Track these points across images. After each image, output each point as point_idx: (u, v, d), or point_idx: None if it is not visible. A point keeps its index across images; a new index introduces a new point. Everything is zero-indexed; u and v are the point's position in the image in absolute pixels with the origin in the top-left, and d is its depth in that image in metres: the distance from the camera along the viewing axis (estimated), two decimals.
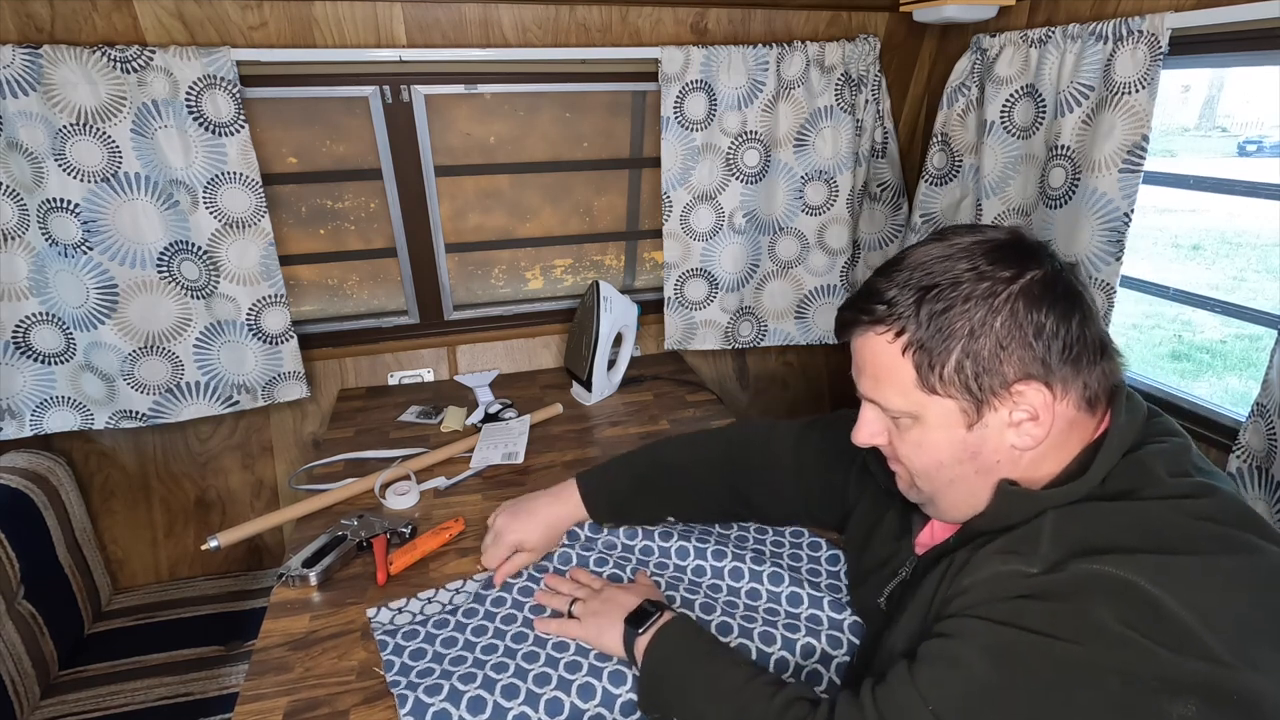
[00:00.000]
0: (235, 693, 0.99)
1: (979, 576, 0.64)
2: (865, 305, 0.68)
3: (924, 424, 0.68)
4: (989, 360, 0.63)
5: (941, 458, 0.68)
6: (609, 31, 1.54)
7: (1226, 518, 0.60)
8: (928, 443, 0.68)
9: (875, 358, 0.68)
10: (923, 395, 0.66)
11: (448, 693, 0.82)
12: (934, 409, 0.66)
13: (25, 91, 1.25)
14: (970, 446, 0.67)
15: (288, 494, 1.74)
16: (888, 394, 0.68)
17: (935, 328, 0.64)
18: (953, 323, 0.63)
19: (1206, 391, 4.75)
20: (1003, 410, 0.65)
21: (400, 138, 1.59)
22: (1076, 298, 0.64)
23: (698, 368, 2.00)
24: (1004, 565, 0.63)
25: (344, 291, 1.84)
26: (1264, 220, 6.99)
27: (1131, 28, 1.22)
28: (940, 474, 0.69)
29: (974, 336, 0.63)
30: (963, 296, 0.63)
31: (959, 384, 0.64)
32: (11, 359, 1.42)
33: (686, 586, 0.98)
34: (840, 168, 1.72)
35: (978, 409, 0.65)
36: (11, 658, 1.23)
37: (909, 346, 0.65)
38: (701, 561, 1.00)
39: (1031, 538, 0.63)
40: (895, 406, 0.68)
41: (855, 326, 0.69)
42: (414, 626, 0.94)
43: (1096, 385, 0.66)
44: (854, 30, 1.66)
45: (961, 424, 0.66)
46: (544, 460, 1.38)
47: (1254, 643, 0.53)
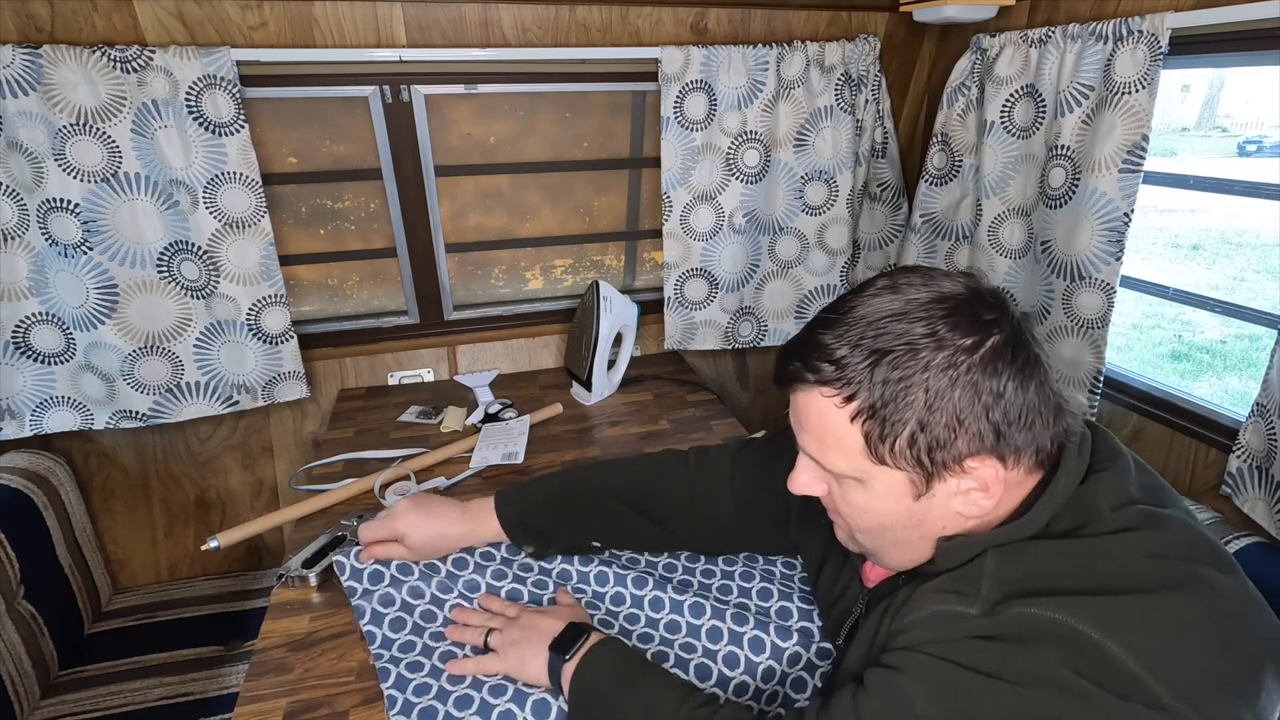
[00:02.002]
0: (235, 693, 0.99)
1: (919, 615, 0.63)
2: (812, 363, 0.63)
3: (868, 488, 0.65)
4: (943, 435, 0.60)
5: (885, 522, 0.67)
6: (609, 31, 1.54)
7: (1172, 550, 0.58)
8: (872, 508, 0.66)
9: (822, 420, 0.64)
10: (869, 464, 0.63)
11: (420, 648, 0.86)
12: (881, 478, 0.64)
13: (25, 91, 1.25)
14: (916, 515, 0.65)
15: (288, 494, 1.74)
16: (831, 457, 0.65)
17: (889, 396, 0.60)
18: (909, 394, 0.60)
19: (1206, 391, 4.75)
20: (951, 481, 0.63)
21: (400, 138, 1.60)
22: (1034, 362, 0.62)
23: (698, 368, 2.00)
24: (943, 605, 0.62)
25: (344, 291, 1.84)
26: (1264, 220, 6.99)
27: (1131, 28, 1.22)
28: (883, 535, 0.68)
29: (930, 409, 0.60)
30: (921, 366, 0.60)
31: (910, 457, 0.62)
32: (11, 359, 1.42)
33: (605, 614, 0.95)
34: (840, 168, 1.72)
35: (927, 481, 0.63)
36: (11, 658, 1.23)
37: (859, 414, 0.62)
38: (621, 589, 0.96)
39: (973, 577, 0.62)
40: (838, 470, 0.66)
41: (798, 382, 0.65)
42: (378, 567, 0.97)
43: (1050, 446, 0.64)
44: (854, 30, 1.66)
45: (909, 494, 0.64)
46: (544, 460, 1.38)
47: (1199, 687, 0.52)
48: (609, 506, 0.99)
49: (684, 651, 0.89)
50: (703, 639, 0.90)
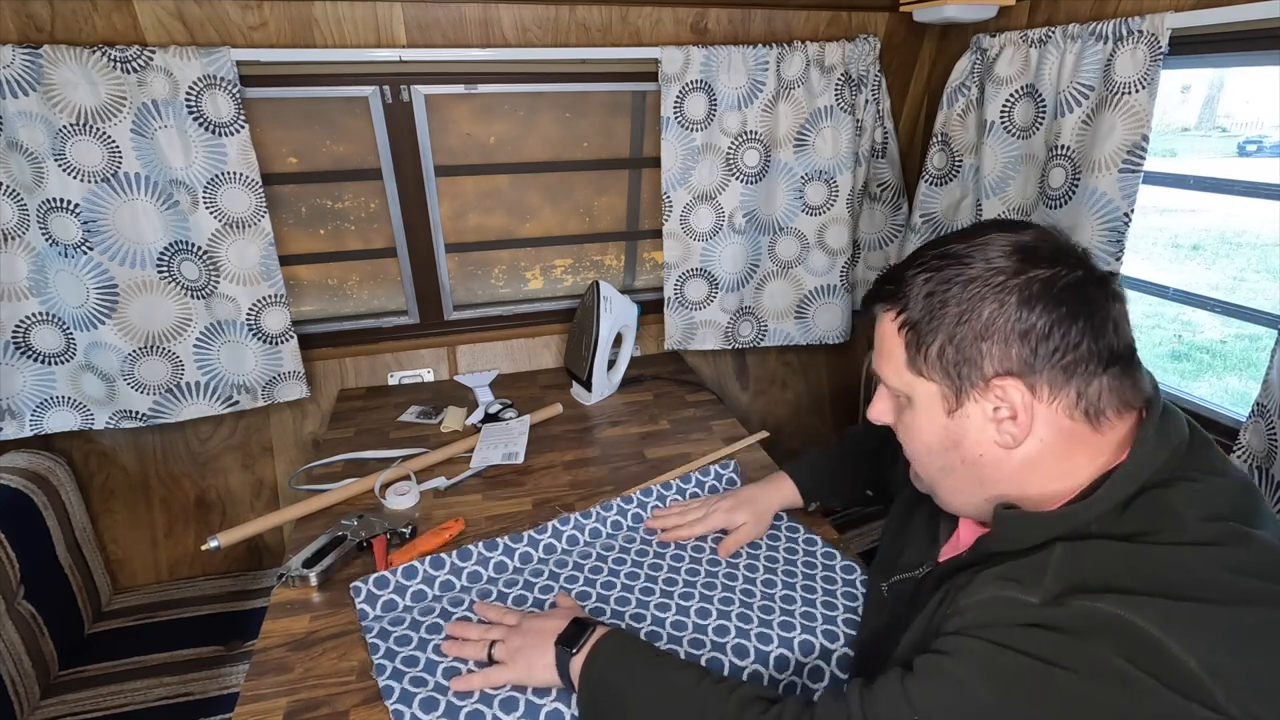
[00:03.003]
0: (235, 693, 0.99)
1: (977, 599, 0.63)
2: (882, 284, 0.70)
3: (914, 406, 0.69)
4: (969, 349, 0.63)
5: (928, 441, 0.69)
6: (609, 31, 1.54)
7: (1255, 570, 0.56)
8: (915, 425, 0.70)
9: (881, 336, 0.70)
10: (910, 375, 0.68)
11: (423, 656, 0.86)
12: (920, 391, 0.68)
13: (25, 91, 1.25)
14: (952, 434, 0.67)
15: (288, 494, 1.74)
16: (886, 371, 0.70)
17: (927, 309, 0.65)
18: (945, 307, 0.64)
19: (1206, 391, 4.76)
20: (984, 403, 0.65)
21: (400, 138, 1.60)
22: (1086, 306, 0.62)
23: (698, 368, 2.00)
24: (1002, 590, 0.61)
25: (344, 291, 1.84)
26: (1264, 220, 6.98)
27: (1131, 28, 1.22)
28: (930, 460, 0.71)
29: (959, 323, 0.63)
30: (961, 282, 0.64)
31: (939, 368, 0.65)
32: (11, 359, 1.42)
33: (611, 616, 0.96)
34: (840, 168, 1.72)
35: (957, 396, 0.66)
36: (11, 658, 1.23)
37: (903, 326, 0.67)
38: (627, 594, 0.98)
39: (1037, 567, 0.61)
40: (892, 384, 0.70)
41: (872, 304, 0.72)
42: (393, 597, 0.97)
43: (1097, 399, 0.63)
44: (854, 30, 1.66)
45: (942, 409, 0.67)
46: (544, 460, 1.38)
47: (1262, 698, 0.51)
48: (872, 458, 1.10)
49: (692, 647, 0.90)
50: (710, 634, 0.91)
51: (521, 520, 1.19)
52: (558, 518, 1.14)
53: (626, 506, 1.17)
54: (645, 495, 1.19)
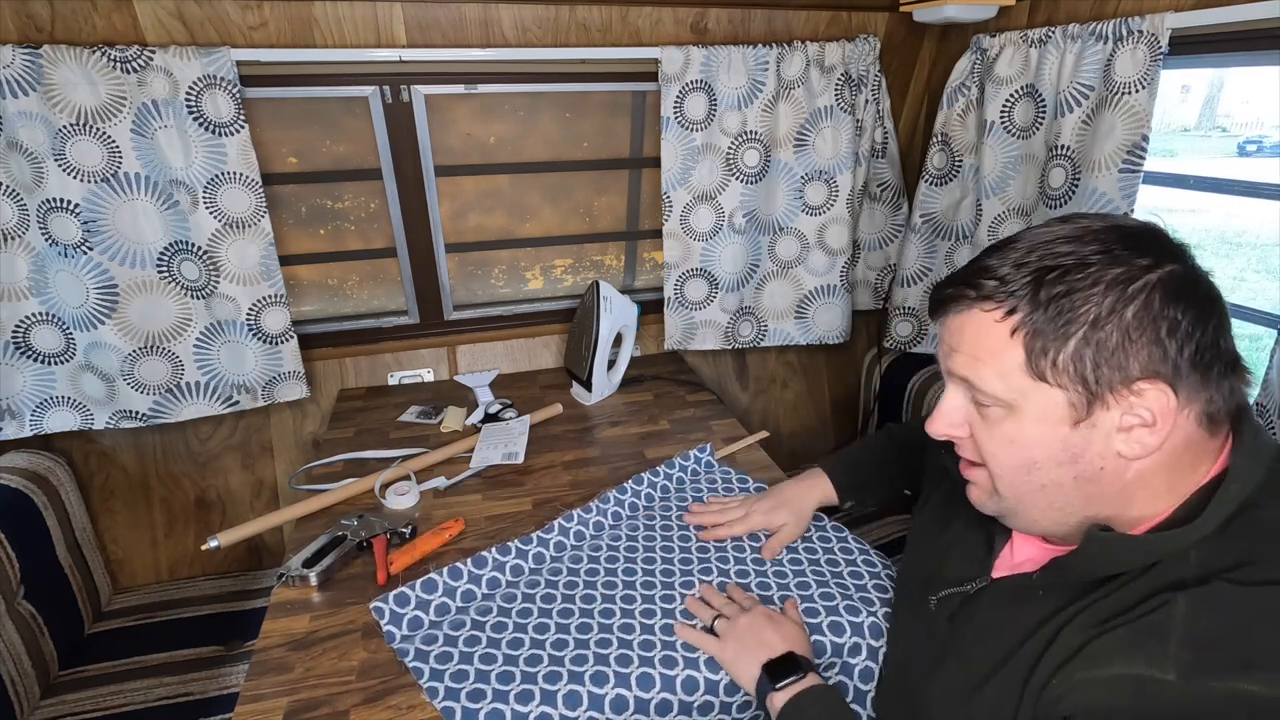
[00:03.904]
0: (235, 693, 0.99)
1: (1100, 674, 0.56)
2: (973, 280, 0.62)
3: (1020, 415, 0.61)
4: (1113, 351, 0.57)
5: (1036, 456, 0.62)
6: (609, 31, 1.54)
7: None
8: (1023, 438, 0.62)
9: (978, 337, 0.62)
10: (1028, 381, 0.60)
11: (467, 672, 0.86)
12: (1037, 399, 0.60)
13: (25, 91, 1.25)
14: (1072, 447, 0.60)
15: (288, 494, 1.74)
16: (985, 377, 0.62)
17: (1055, 310, 0.58)
18: (1076, 306, 0.58)
19: None
20: (1115, 411, 0.58)
21: (400, 138, 1.60)
22: (1215, 302, 0.59)
23: (698, 368, 2.00)
24: (1130, 667, 0.54)
25: (344, 291, 1.84)
26: (1264, 220, 6.98)
27: (1131, 28, 1.22)
28: (1031, 477, 0.63)
29: (1098, 324, 0.57)
30: (1090, 280, 0.58)
31: (1073, 373, 0.58)
32: (11, 359, 1.42)
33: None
34: (840, 168, 1.71)
35: (1089, 404, 0.59)
36: (11, 658, 1.23)
37: (1020, 327, 0.60)
38: (650, 605, 0.98)
39: (1159, 631, 0.54)
40: (991, 390, 0.62)
41: (956, 303, 0.64)
42: (417, 613, 0.96)
43: (1222, 402, 0.59)
44: (854, 30, 1.66)
45: (1067, 420, 0.60)
46: (544, 460, 1.38)
47: None
48: (911, 458, 1.08)
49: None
50: None
51: (521, 520, 1.19)
52: (562, 515, 1.14)
53: (622, 497, 1.20)
54: (637, 484, 1.23)
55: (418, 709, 0.84)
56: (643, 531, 1.13)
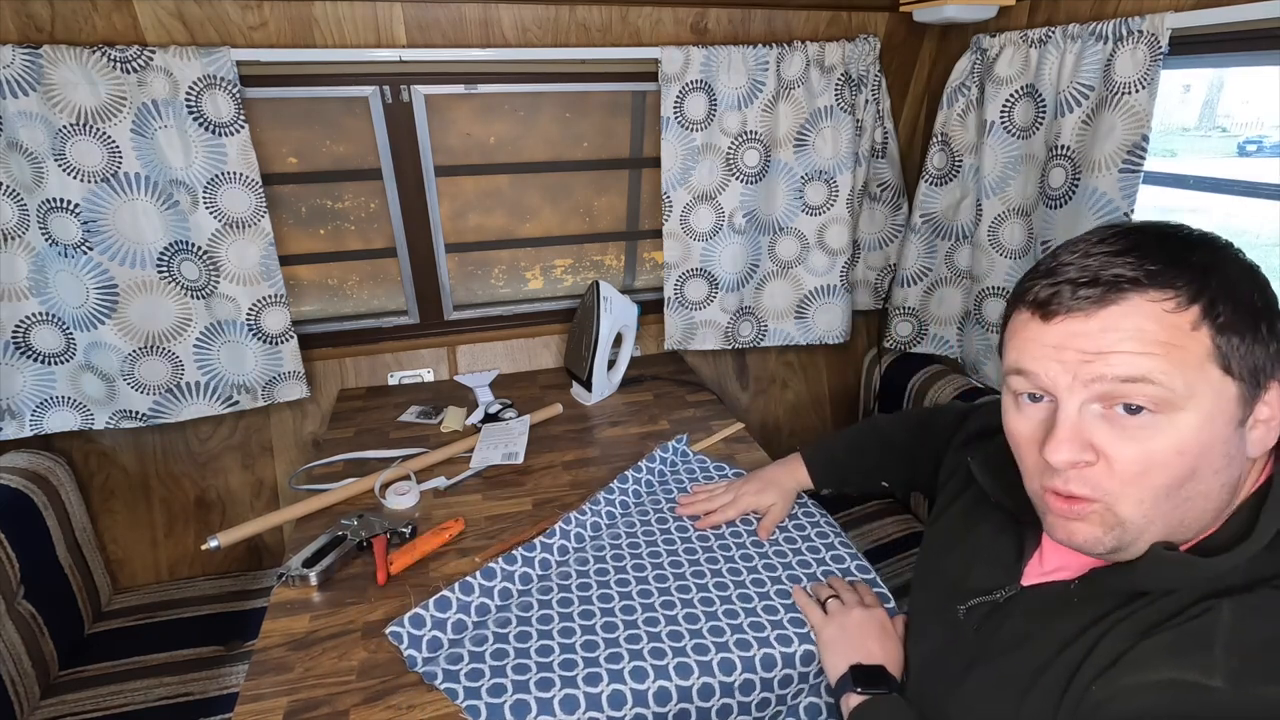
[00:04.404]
0: (235, 693, 0.99)
1: (1145, 680, 0.54)
2: (1109, 269, 0.55)
3: (1185, 418, 0.54)
4: (1276, 335, 0.54)
5: (1199, 465, 0.55)
6: (609, 31, 1.54)
7: None
8: (1194, 444, 0.54)
9: (1142, 327, 0.54)
10: (1216, 373, 0.54)
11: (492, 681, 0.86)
12: (1212, 395, 0.54)
13: (25, 91, 1.25)
14: (1231, 450, 0.55)
15: (288, 494, 1.74)
16: (1163, 370, 0.53)
17: (1232, 291, 0.54)
18: (1245, 288, 0.54)
19: None
20: (1262, 405, 0.56)
21: (400, 138, 1.60)
22: None
23: (698, 368, 2.00)
24: (1178, 673, 0.52)
25: (344, 291, 1.84)
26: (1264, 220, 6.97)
27: (1131, 28, 1.22)
28: (1184, 491, 0.56)
29: (1262, 315, 0.54)
30: (1239, 269, 0.56)
31: (1249, 361, 0.54)
32: (11, 359, 1.42)
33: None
34: (840, 168, 1.71)
35: (1252, 401, 0.55)
36: (11, 658, 1.23)
37: (1207, 313, 0.54)
38: (653, 613, 0.98)
39: (1204, 637, 0.52)
40: (1171, 385, 0.53)
41: (1103, 298, 0.55)
42: (435, 634, 0.94)
43: None
44: (854, 30, 1.66)
45: (1236, 418, 0.55)
46: (544, 460, 1.38)
47: None
48: (893, 453, 1.12)
49: (713, 635, 0.93)
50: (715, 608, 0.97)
51: (521, 520, 1.19)
52: (560, 519, 1.14)
53: (611, 496, 1.21)
54: (622, 482, 1.24)
55: (418, 709, 0.84)
56: (640, 527, 1.15)
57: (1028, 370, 0.59)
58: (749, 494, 1.15)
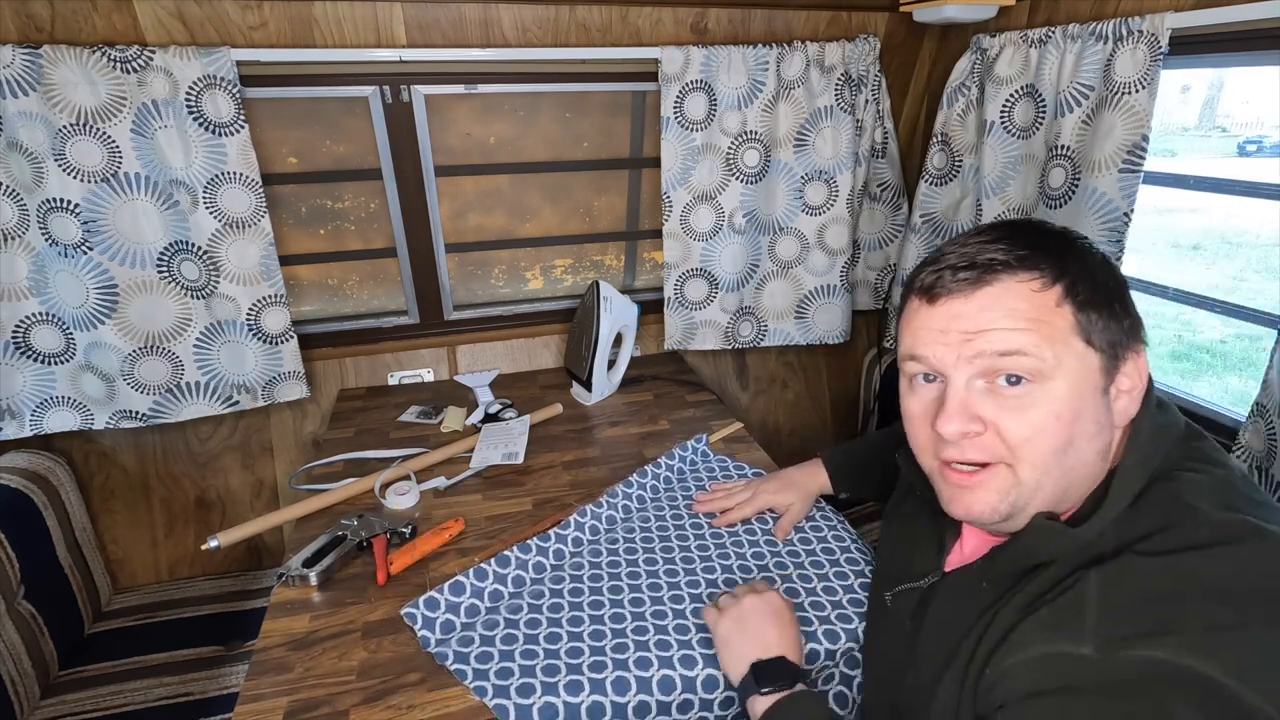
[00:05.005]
0: (235, 693, 0.99)
1: (1025, 657, 0.57)
2: (985, 255, 0.62)
3: (1058, 387, 0.59)
4: (1127, 311, 0.62)
5: (1074, 431, 0.60)
6: (609, 31, 1.54)
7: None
8: (1068, 411, 0.59)
9: (1018, 305, 0.60)
10: (1080, 345, 0.60)
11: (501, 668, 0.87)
12: (1078, 366, 0.60)
13: (25, 91, 1.25)
14: (1100, 417, 0.61)
15: (288, 494, 1.74)
16: (1033, 343, 0.59)
17: (1092, 277, 0.61)
18: (1098, 275, 0.61)
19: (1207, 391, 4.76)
20: (1120, 376, 0.62)
21: (400, 138, 1.60)
22: None
23: (698, 368, 2.00)
24: (1051, 646, 0.56)
25: (344, 291, 1.84)
26: (1264, 220, 6.98)
27: (1131, 28, 1.22)
28: (1066, 458, 0.61)
29: (1115, 291, 0.62)
30: (1089, 252, 0.63)
31: (1108, 334, 0.61)
32: (11, 359, 1.42)
33: None
34: (840, 168, 1.72)
35: (1113, 369, 0.61)
36: (11, 658, 1.23)
37: (1070, 292, 0.60)
38: (661, 607, 0.99)
39: (1075, 608, 0.56)
40: (1041, 357, 0.59)
41: (978, 281, 0.61)
42: (448, 616, 0.96)
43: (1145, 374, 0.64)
44: (854, 30, 1.66)
45: (1100, 386, 0.61)
46: (544, 460, 1.38)
47: None
48: None
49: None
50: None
51: (521, 520, 1.19)
52: (576, 511, 1.15)
53: (629, 490, 1.21)
54: (641, 476, 1.25)
55: (418, 709, 0.84)
56: (654, 522, 1.15)
57: (919, 354, 0.65)
58: (768, 492, 1.14)
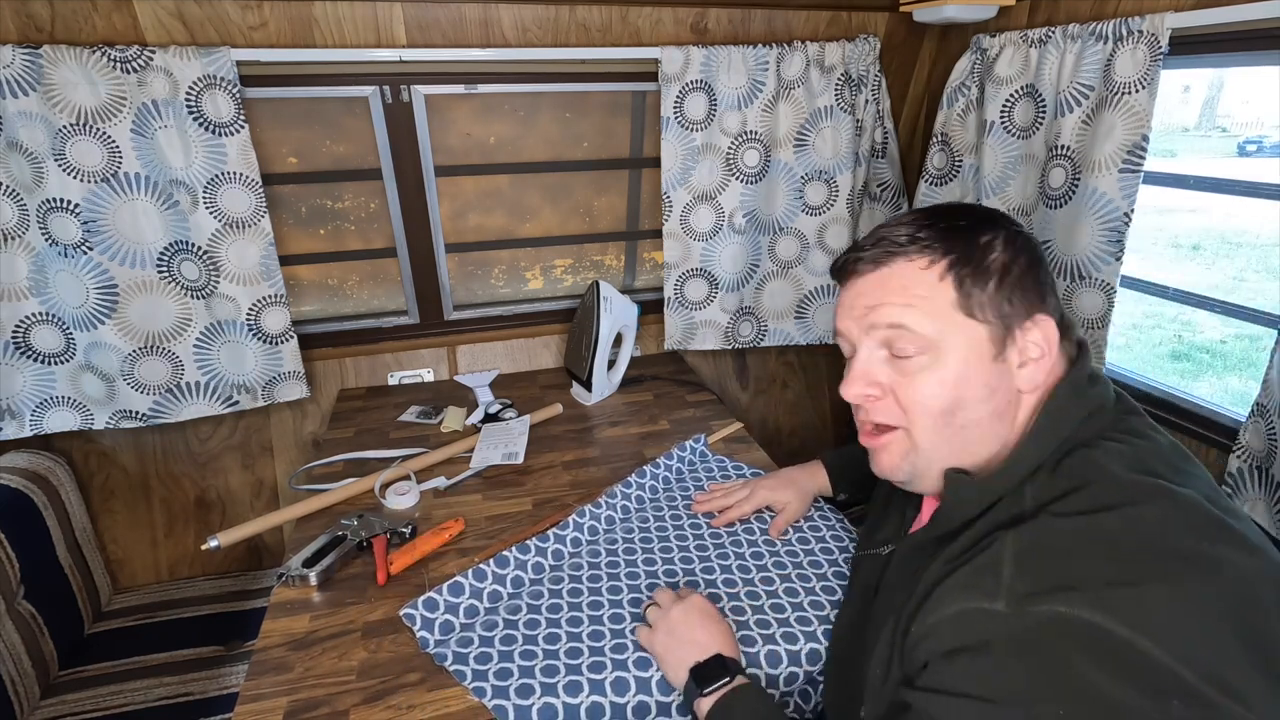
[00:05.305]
0: (235, 693, 0.99)
1: (944, 614, 0.60)
2: (888, 241, 0.69)
3: (946, 357, 0.66)
4: (1018, 288, 0.66)
5: (963, 395, 0.66)
6: (609, 31, 1.54)
7: (1184, 529, 0.56)
8: (952, 377, 0.66)
9: (905, 283, 0.67)
10: (959, 318, 0.66)
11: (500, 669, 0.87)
12: (964, 336, 0.66)
13: (25, 91, 1.25)
14: (991, 382, 0.66)
15: (288, 494, 1.74)
16: (917, 318, 0.66)
17: (979, 255, 0.67)
18: (989, 251, 0.67)
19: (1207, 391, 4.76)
20: (1018, 345, 0.67)
21: (400, 138, 1.60)
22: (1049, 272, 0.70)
23: (698, 368, 2.00)
24: (968, 603, 0.59)
25: (344, 291, 1.84)
26: (1264, 220, 6.99)
27: (1131, 28, 1.22)
28: (955, 419, 0.67)
29: (1008, 266, 0.66)
30: (990, 230, 0.68)
31: (994, 307, 0.66)
32: (11, 359, 1.42)
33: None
34: (840, 168, 1.72)
35: (1004, 339, 0.66)
36: (11, 658, 1.23)
37: (950, 270, 0.66)
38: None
39: (992, 566, 0.59)
40: (923, 331, 0.66)
41: (880, 257, 0.69)
42: (447, 617, 0.96)
43: (1073, 350, 0.69)
44: (854, 30, 1.66)
45: (989, 355, 0.66)
46: (544, 460, 1.38)
47: (1231, 669, 0.51)
48: None
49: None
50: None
51: (522, 520, 1.19)
52: (575, 511, 1.15)
53: (628, 490, 1.21)
54: (640, 476, 1.25)
55: (418, 709, 0.84)
56: (654, 523, 1.15)
57: (837, 328, 0.74)
58: (766, 489, 1.14)
